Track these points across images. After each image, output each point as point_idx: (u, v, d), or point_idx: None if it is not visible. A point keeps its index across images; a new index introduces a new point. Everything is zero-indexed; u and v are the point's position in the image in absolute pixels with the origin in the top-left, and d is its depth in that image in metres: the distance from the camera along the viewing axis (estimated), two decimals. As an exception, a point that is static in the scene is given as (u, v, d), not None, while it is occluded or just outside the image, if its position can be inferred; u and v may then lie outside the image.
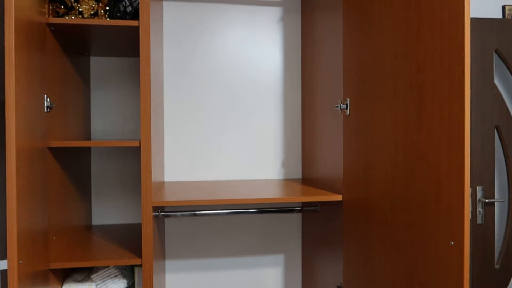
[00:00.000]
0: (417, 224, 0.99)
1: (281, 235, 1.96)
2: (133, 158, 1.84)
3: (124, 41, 1.52)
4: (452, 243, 0.87)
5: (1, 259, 1.56)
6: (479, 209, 1.86)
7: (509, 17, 2.03)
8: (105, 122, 1.81)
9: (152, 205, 1.30)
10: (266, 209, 1.64)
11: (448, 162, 0.88)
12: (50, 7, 1.34)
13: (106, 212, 1.82)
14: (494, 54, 1.88)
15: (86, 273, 1.48)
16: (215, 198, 1.35)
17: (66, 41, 1.46)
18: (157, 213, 1.45)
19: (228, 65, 1.90)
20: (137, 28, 1.32)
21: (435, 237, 0.92)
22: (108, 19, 1.39)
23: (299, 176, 1.97)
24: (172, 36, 1.85)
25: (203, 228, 1.90)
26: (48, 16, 1.34)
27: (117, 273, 1.44)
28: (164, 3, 1.84)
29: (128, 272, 1.49)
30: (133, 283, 1.47)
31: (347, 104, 1.35)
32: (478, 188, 1.86)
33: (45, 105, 1.24)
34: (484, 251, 1.87)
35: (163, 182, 1.77)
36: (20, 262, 1.03)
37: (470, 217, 1.39)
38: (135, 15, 1.38)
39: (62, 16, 1.35)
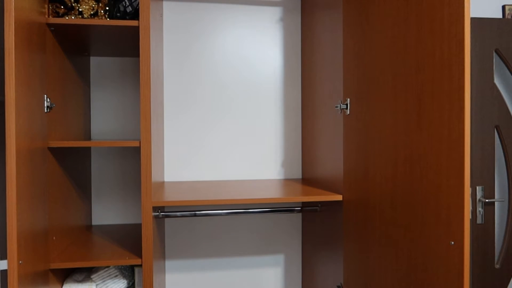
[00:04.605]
0: (417, 224, 0.99)
1: (281, 235, 1.96)
2: (133, 158, 1.84)
3: (124, 41, 1.52)
4: (452, 243, 0.87)
5: (1, 259, 1.56)
6: (479, 209, 1.86)
7: (509, 17, 2.03)
8: (105, 122, 1.81)
9: (152, 205, 1.30)
10: (266, 209, 1.64)
11: (448, 162, 0.88)
12: (50, 7, 1.34)
13: (106, 212, 1.82)
14: (494, 54, 1.88)
15: (86, 273, 1.48)
16: (215, 198, 1.35)
17: (66, 41, 1.46)
18: (157, 213, 1.45)
19: (228, 65, 1.90)
20: (137, 28, 1.32)
21: (435, 237, 0.92)
22: (108, 19, 1.39)
23: (299, 176, 1.97)
24: (172, 36, 1.85)
25: (203, 228, 1.90)
26: (48, 16, 1.33)
27: (117, 273, 1.44)
28: (164, 3, 1.84)
29: (128, 272, 1.49)
30: (133, 283, 1.47)
31: (347, 104, 1.35)
32: (478, 188, 1.86)
33: (45, 105, 1.24)
34: (484, 251, 1.87)
35: (163, 182, 1.77)
36: (20, 262, 1.03)
37: (470, 217, 1.39)
38: (135, 15, 1.38)
39: (62, 16, 1.35)
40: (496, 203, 1.93)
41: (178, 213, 1.56)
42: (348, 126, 1.36)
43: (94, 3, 1.37)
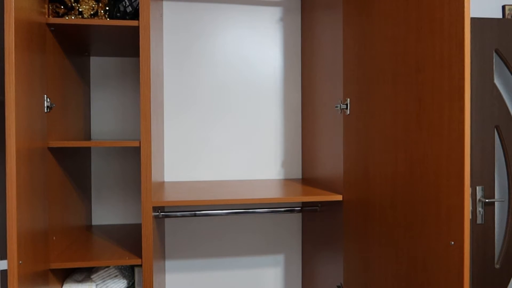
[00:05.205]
0: (417, 224, 0.99)
1: (281, 235, 1.96)
2: (133, 158, 1.84)
3: (124, 41, 1.52)
4: (452, 243, 0.87)
5: (1, 259, 1.56)
6: (479, 209, 1.86)
7: (509, 17, 2.03)
8: (105, 122, 1.81)
9: (152, 205, 1.30)
10: (266, 209, 1.64)
11: (448, 162, 0.88)
12: (50, 7, 1.34)
13: (106, 212, 1.82)
14: (494, 54, 1.88)
15: (86, 273, 1.48)
16: (215, 198, 1.35)
17: (66, 41, 1.46)
18: (157, 213, 1.45)
19: (228, 65, 1.90)
20: (137, 28, 1.32)
21: (435, 237, 0.92)
22: (108, 19, 1.39)
23: (299, 176, 1.97)
24: (172, 36, 1.85)
25: (203, 228, 1.90)
26: (48, 16, 1.33)
27: (117, 273, 1.44)
28: (164, 3, 1.84)
29: (128, 272, 1.49)
30: (133, 283, 1.47)
31: (347, 104, 1.35)
32: (478, 188, 1.86)
33: (45, 105, 1.24)
34: (484, 251, 1.87)
35: (163, 182, 1.77)
36: (20, 262, 1.03)
37: (470, 217, 1.39)
38: (135, 15, 1.38)
39: (62, 16, 1.35)
40: (496, 203, 1.93)
41: (178, 213, 1.56)
42: (348, 126, 1.36)
43: (94, 3, 1.37)
